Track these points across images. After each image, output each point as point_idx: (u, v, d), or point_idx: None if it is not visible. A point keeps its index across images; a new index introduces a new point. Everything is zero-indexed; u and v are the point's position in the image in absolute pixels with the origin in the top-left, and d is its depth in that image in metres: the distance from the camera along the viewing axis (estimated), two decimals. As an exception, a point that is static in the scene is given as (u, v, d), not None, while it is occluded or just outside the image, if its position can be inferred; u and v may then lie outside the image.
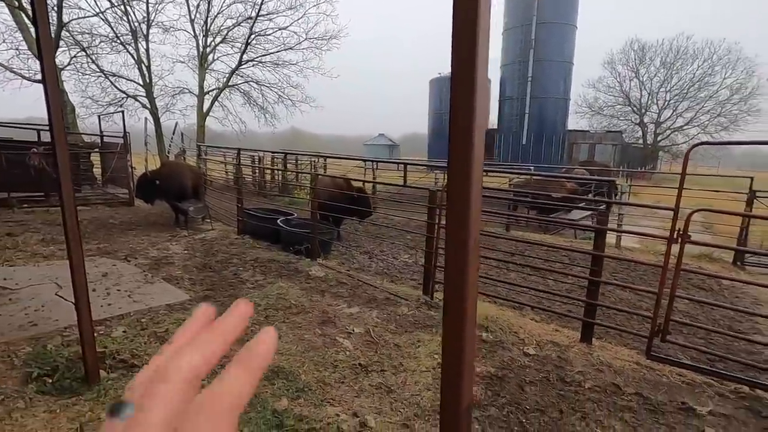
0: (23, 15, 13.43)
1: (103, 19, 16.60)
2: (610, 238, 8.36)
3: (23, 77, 15.25)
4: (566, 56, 29.22)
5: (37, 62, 14.59)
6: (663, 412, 2.67)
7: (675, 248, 3.15)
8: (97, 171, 11.26)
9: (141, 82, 18.27)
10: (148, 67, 18.20)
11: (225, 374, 0.27)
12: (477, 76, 0.90)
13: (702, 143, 3.38)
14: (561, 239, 9.10)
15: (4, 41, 14.73)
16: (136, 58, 17.80)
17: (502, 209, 8.92)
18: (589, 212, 9.61)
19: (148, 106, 18.41)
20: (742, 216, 5.79)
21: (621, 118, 39.38)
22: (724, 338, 4.07)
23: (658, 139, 37.76)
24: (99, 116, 12.39)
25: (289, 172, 13.21)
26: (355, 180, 7.39)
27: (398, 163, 12.27)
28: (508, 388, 2.83)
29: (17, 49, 14.90)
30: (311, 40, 19.79)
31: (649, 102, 38.06)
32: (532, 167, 16.31)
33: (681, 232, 3.06)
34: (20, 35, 14.11)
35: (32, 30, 13.61)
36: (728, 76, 35.20)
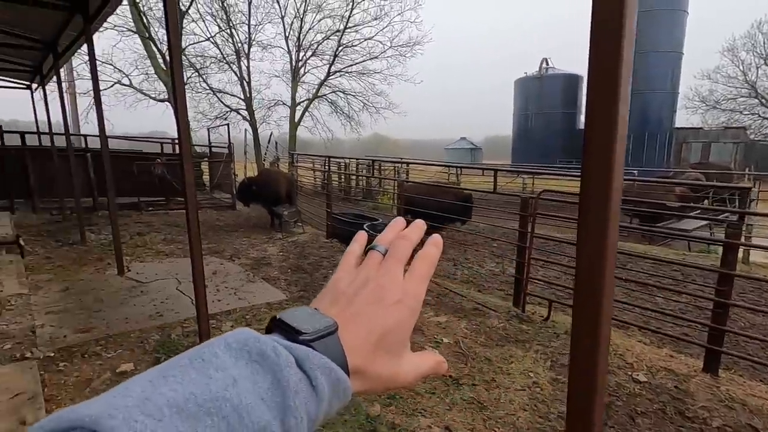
0: (152, 45, 15.54)
1: (213, 43, 18.62)
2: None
3: (151, 98, 17.67)
4: (675, 45, 26.10)
5: (160, 84, 16.82)
6: (820, 466, 2.23)
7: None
8: (204, 178, 12.61)
9: (242, 97, 20.13)
10: (249, 83, 19.99)
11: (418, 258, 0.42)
12: (621, 81, 0.82)
13: None
14: (670, 251, 8.11)
15: (136, 68, 17.23)
16: (239, 75, 19.66)
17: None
18: (704, 222, 8.44)
19: (248, 118, 20.19)
20: None
21: (744, 112, 34.10)
22: None
23: (795, 135, 32.01)
24: (208, 129, 13.85)
25: (375, 178, 13.54)
26: (466, 189, 7.29)
27: (484, 169, 11.92)
28: (617, 418, 2.57)
29: (147, 74, 17.30)
30: (395, 48, 20.19)
31: (783, 92, 32.47)
32: (635, 171, 14.71)
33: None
34: (149, 62, 16.33)
35: (159, 58, 15.69)
36: None
